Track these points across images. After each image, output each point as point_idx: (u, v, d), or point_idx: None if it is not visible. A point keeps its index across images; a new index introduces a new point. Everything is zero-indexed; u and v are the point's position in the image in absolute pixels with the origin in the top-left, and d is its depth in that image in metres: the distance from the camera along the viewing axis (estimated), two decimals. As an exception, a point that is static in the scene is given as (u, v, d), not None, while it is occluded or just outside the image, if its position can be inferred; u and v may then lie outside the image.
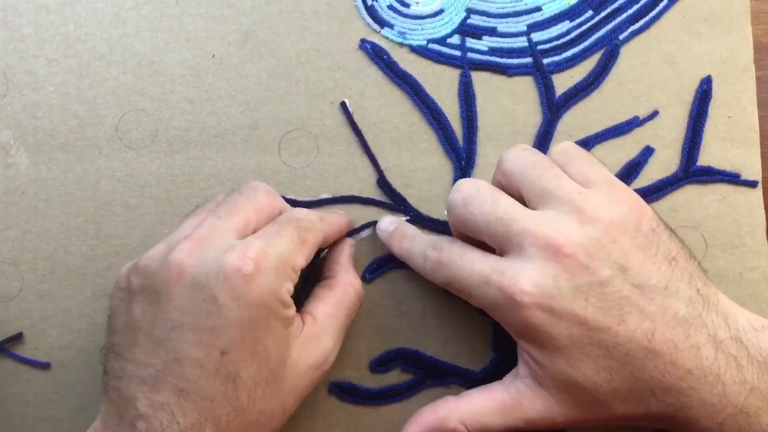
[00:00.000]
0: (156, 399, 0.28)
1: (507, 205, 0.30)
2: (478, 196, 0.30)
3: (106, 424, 0.29)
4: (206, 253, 0.29)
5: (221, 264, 0.28)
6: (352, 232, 0.36)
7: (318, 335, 0.31)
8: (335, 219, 0.35)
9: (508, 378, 0.31)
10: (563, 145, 0.32)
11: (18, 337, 0.36)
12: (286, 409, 0.30)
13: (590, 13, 0.38)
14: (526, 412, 0.30)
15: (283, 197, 0.37)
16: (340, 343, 0.33)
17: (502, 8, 0.38)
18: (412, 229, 0.35)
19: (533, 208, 0.30)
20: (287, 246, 0.30)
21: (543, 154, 0.31)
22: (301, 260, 0.31)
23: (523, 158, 0.31)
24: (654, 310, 0.28)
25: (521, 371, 0.31)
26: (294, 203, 0.37)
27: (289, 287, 0.29)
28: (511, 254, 0.29)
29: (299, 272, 0.31)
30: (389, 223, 0.36)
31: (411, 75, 0.38)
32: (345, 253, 0.35)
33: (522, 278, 0.28)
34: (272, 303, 0.28)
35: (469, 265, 0.30)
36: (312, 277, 0.35)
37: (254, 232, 0.31)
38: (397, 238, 0.35)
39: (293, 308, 0.30)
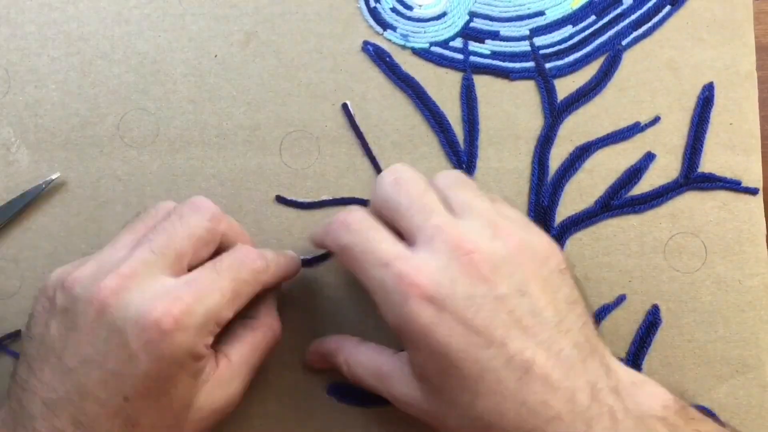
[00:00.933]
0: (54, 424, 0.27)
1: (434, 199, 0.30)
2: (411, 180, 0.30)
3: (3, 430, 0.29)
4: (131, 295, 0.28)
5: (141, 313, 0.27)
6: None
7: (229, 380, 0.30)
8: (284, 264, 0.33)
9: (397, 354, 0.31)
10: (492, 195, 0.32)
11: (16, 335, 0.36)
12: None
13: (593, 18, 0.38)
14: (394, 388, 0.30)
15: (284, 198, 0.37)
16: (248, 385, 0.32)
17: (505, 12, 0.38)
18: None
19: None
20: (217, 302, 0.29)
21: (474, 182, 0.32)
22: (229, 314, 0.30)
23: (455, 176, 0.32)
24: (539, 341, 0.27)
25: (405, 356, 0.30)
26: (294, 204, 0.37)
27: (208, 341, 0.29)
28: (419, 245, 0.29)
29: (223, 324, 0.30)
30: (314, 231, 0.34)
31: (413, 78, 0.38)
32: (270, 294, 0.34)
33: (422, 269, 0.28)
34: (185, 360, 0.28)
35: (376, 240, 0.29)
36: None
37: (189, 267, 0.30)
38: (319, 233, 0.33)
39: (206, 357, 0.29)
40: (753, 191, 0.36)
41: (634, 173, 0.37)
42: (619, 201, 0.37)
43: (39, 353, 0.29)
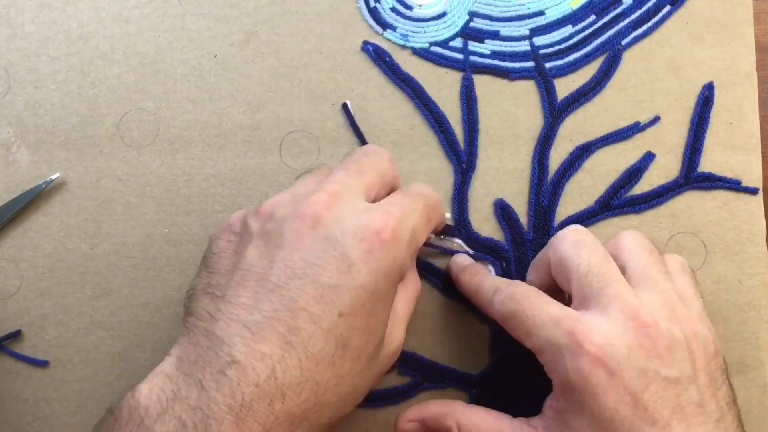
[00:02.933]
0: (257, 348, 0.25)
1: (614, 268, 0.30)
2: (592, 245, 0.31)
3: (182, 369, 0.26)
4: (343, 209, 0.28)
5: (361, 224, 0.27)
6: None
7: (397, 324, 0.30)
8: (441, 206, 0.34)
9: (521, 419, 0.31)
10: (681, 261, 0.33)
11: (16, 335, 0.36)
12: (367, 391, 0.29)
13: (593, 17, 0.38)
14: None
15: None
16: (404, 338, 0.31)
17: (505, 12, 0.38)
18: (484, 269, 0.35)
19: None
20: (418, 221, 0.29)
21: (660, 253, 0.32)
22: (425, 236, 0.31)
23: (643, 241, 0.32)
24: None
25: (537, 423, 0.30)
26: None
27: (413, 259, 0.30)
28: (592, 310, 0.29)
29: (420, 246, 0.30)
30: (465, 259, 0.36)
31: (413, 77, 0.38)
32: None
33: (597, 329, 0.28)
34: (396, 276, 0.28)
35: (542, 304, 0.29)
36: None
37: (376, 198, 0.30)
38: (470, 271, 0.34)
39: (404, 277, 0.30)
40: (753, 191, 0.36)
41: (634, 173, 0.37)
42: (619, 201, 0.37)
43: (231, 281, 0.27)
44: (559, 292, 0.32)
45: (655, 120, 0.37)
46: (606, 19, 0.38)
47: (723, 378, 0.29)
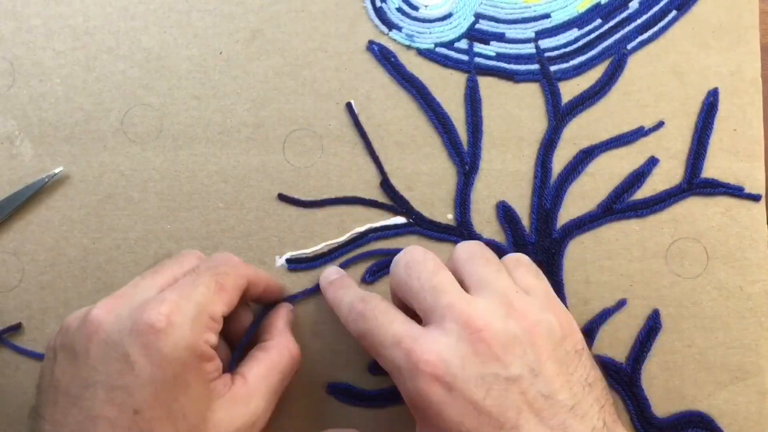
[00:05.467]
0: None
1: (444, 278, 0.30)
2: (421, 263, 0.30)
3: None
4: (122, 310, 0.28)
5: (134, 320, 0.28)
6: (289, 298, 0.36)
7: (247, 396, 0.30)
8: (258, 270, 0.34)
9: None
10: (517, 255, 0.33)
11: (17, 327, 0.36)
12: None
13: (599, 21, 0.38)
14: None
15: (286, 197, 0.37)
16: (272, 408, 0.31)
17: (511, 14, 0.38)
18: (350, 282, 0.35)
19: (470, 295, 0.30)
20: (204, 294, 0.29)
21: (495, 255, 0.32)
22: (221, 307, 0.30)
23: (475, 250, 0.32)
24: (553, 425, 0.27)
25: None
26: (297, 203, 0.37)
27: (209, 338, 0.29)
28: (431, 325, 0.29)
29: (221, 320, 0.30)
30: (332, 272, 0.36)
31: (417, 78, 0.38)
32: (281, 318, 0.34)
33: (431, 348, 0.28)
34: (189, 358, 0.28)
35: (387, 323, 0.29)
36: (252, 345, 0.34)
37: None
38: (334, 287, 0.34)
39: (215, 361, 0.29)
40: (756, 198, 0.36)
41: (637, 177, 0.37)
42: (621, 205, 0.37)
43: (47, 399, 0.29)
44: None
45: (659, 125, 0.37)
46: (612, 23, 0.38)
47: (578, 360, 0.29)
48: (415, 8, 0.38)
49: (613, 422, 0.28)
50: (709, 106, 0.37)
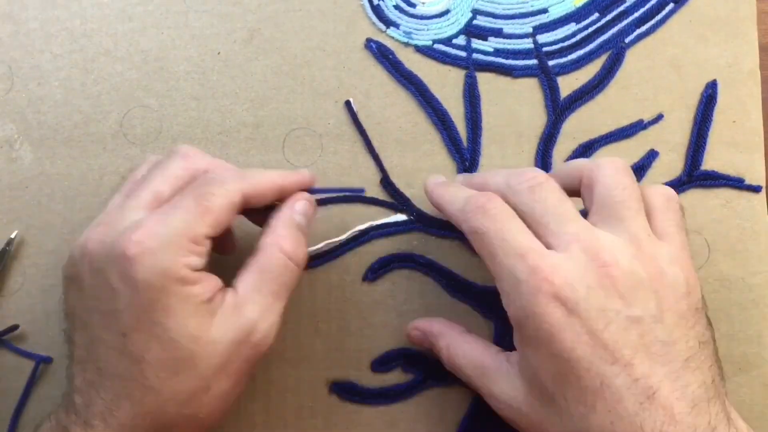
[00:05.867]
0: (86, 377, 0.29)
1: (571, 207, 0.29)
2: (548, 185, 0.30)
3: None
4: (107, 237, 0.29)
5: (112, 248, 0.28)
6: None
7: (238, 306, 0.29)
8: (266, 176, 0.31)
9: (504, 354, 0.31)
10: (669, 193, 0.31)
11: (15, 329, 0.36)
12: (212, 388, 0.29)
13: (596, 15, 0.38)
14: (496, 385, 0.30)
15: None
16: (276, 311, 0.30)
17: (509, 10, 0.38)
18: (460, 183, 0.34)
19: (596, 224, 0.29)
20: (182, 218, 0.28)
21: (637, 185, 0.30)
22: (204, 229, 0.29)
23: (618, 177, 0.30)
24: (666, 372, 0.27)
25: (513, 358, 0.30)
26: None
27: (189, 262, 0.28)
28: (557, 250, 0.28)
29: (205, 242, 0.29)
30: (440, 177, 0.35)
31: (416, 75, 0.38)
32: (280, 215, 0.31)
33: (558, 269, 0.27)
34: (166, 283, 0.27)
35: (514, 229, 0.29)
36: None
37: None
38: (443, 186, 0.33)
39: (204, 283, 0.29)
40: (756, 189, 0.36)
41: (637, 171, 0.37)
42: (622, 199, 0.37)
43: (68, 324, 0.31)
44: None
45: (659, 118, 0.37)
46: (609, 17, 0.38)
47: (696, 317, 0.28)
48: (413, 5, 0.38)
49: (720, 382, 0.28)
50: (708, 99, 0.37)
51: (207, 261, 0.29)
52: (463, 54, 0.38)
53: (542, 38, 0.38)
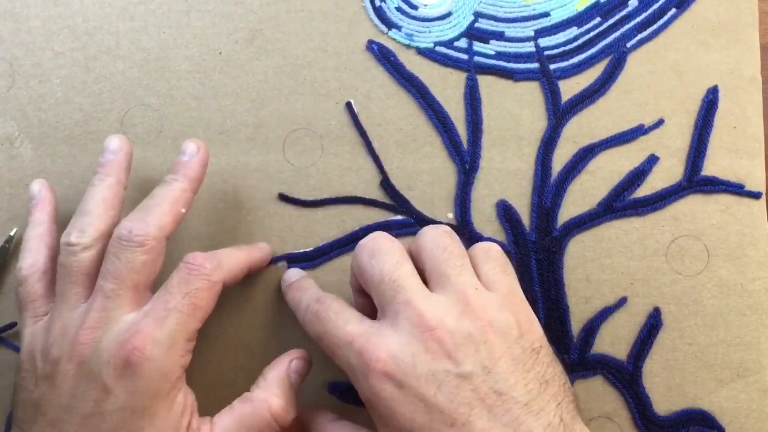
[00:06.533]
0: None
1: (406, 273, 0.30)
2: (386, 253, 0.30)
3: None
4: (101, 342, 0.29)
5: (111, 353, 0.29)
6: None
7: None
8: (239, 257, 0.33)
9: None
10: (487, 245, 0.32)
11: (12, 326, 0.36)
12: None
13: (598, 20, 0.38)
14: None
15: (287, 196, 0.37)
16: None
17: (510, 13, 0.38)
18: (309, 283, 0.35)
19: (430, 289, 0.30)
20: (177, 320, 0.30)
21: (460, 243, 0.31)
22: (196, 325, 0.30)
23: (438, 239, 0.31)
24: (506, 421, 0.27)
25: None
26: (297, 202, 0.37)
27: (184, 361, 0.30)
28: (385, 321, 0.29)
29: (196, 336, 0.31)
30: (292, 275, 0.36)
31: (417, 77, 0.38)
32: (275, 370, 0.33)
33: (382, 346, 0.28)
34: (162, 386, 0.29)
35: (342, 323, 0.30)
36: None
37: (148, 290, 0.31)
38: (293, 289, 0.35)
39: (182, 391, 0.30)
40: (756, 195, 0.36)
41: (637, 176, 0.37)
42: (621, 203, 0.37)
43: (27, 415, 0.30)
44: None
45: (659, 123, 0.37)
46: (611, 21, 0.38)
47: (534, 358, 0.28)
48: (415, 7, 0.38)
49: (571, 419, 0.28)
50: (709, 104, 0.37)
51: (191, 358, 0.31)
52: (464, 57, 0.38)
53: (544, 42, 0.38)
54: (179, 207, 0.32)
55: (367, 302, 0.31)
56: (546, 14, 0.38)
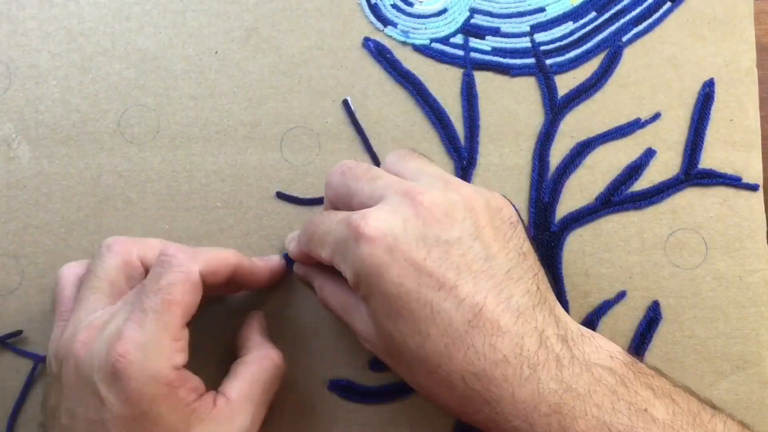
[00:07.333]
0: None
1: (378, 170, 0.31)
2: (356, 167, 0.31)
3: None
4: (94, 344, 0.29)
5: (100, 359, 0.28)
6: None
7: (231, 415, 0.30)
8: (219, 253, 0.32)
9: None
10: (395, 153, 0.33)
11: (17, 334, 0.36)
12: None
13: (594, 14, 0.38)
14: (355, 322, 0.30)
15: (285, 195, 0.37)
16: (261, 419, 0.31)
17: (506, 8, 0.38)
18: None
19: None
20: (156, 321, 0.28)
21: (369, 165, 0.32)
22: (178, 322, 0.29)
23: (402, 151, 0.33)
24: (490, 286, 0.28)
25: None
26: (295, 201, 0.37)
27: (176, 361, 0.29)
28: (372, 206, 0.29)
29: (184, 335, 0.29)
30: (291, 237, 0.36)
31: (414, 74, 0.38)
32: (254, 328, 0.34)
33: (374, 214, 0.28)
34: (155, 390, 0.28)
35: (331, 215, 0.31)
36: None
37: (123, 292, 0.31)
38: (289, 239, 0.35)
39: (190, 383, 0.29)
40: (753, 187, 0.36)
41: (635, 169, 0.37)
42: (619, 197, 0.37)
43: (47, 422, 0.31)
44: None
45: (656, 116, 0.37)
46: (607, 15, 0.38)
47: (513, 230, 0.30)
48: (410, 4, 0.38)
49: (546, 289, 0.29)
50: (705, 97, 0.37)
51: (187, 356, 0.29)
52: (460, 53, 0.38)
53: (540, 37, 0.38)
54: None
55: None
56: (541, 9, 0.38)
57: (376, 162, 0.37)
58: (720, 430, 0.27)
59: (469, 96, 0.37)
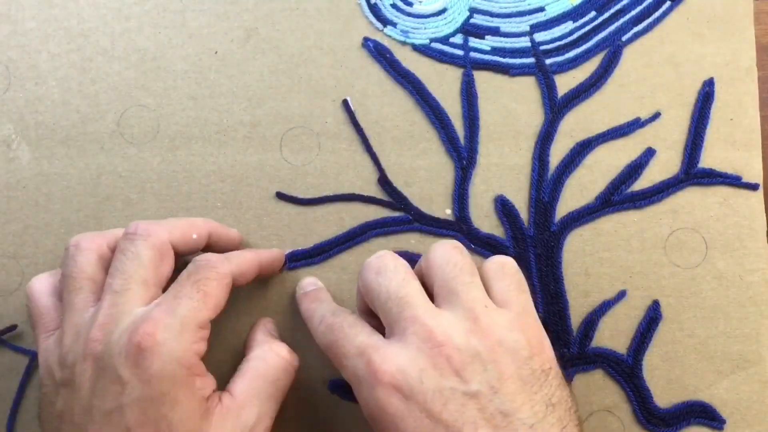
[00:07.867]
0: None
1: (412, 290, 0.30)
2: (391, 271, 0.30)
3: None
4: (111, 335, 0.29)
5: (122, 343, 0.28)
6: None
7: (236, 410, 0.30)
8: (247, 256, 0.34)
9: None
10: (502, 260, 0.32)
11: (13, 329, 0.36)
12: None
13: (593, 14, 0.38)
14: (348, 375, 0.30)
15: (285, 195, 0.37)
16: (271, 414, 0.31)
17: (506, 8, 0.38)
18: (325, 295, 0.35)
19: (437, 305, 0.30)
20: (188, 306, 0.29)
21: (470, 258, 0.31)
22: (208, 313, 0.30)
23: (448, 255, 0.31)
24: None
25: None
26: (295, 201, 0.37)
27: (198, 349, 0.29)
28: (394, 337, 0.29)
29: (208, 326, 0.30)
30: (308, 284, 0.36)
31: (413, 74, 0.38)
32: (260, 330, 0.35)
33: (391, 359, 0.28)
34: (178, 373, 0.28)
35: (353, 335, 0.30)
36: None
37: (159, 287, 0.31)
38: (308, 299, 0.35)
39: (206, 378, 0.30)
40: (753, 187, 0.36)
41: (635, 169, 0.37)
42: (619, 197, 0.37)
43: (51, 427, 0.30)
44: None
45: (656, 116, 0.37)
46: (606, 15, 0.38)
47: (543, 379, 0.28)
48: (410, 4, 0.38)
49: None
50: (705, 96, 0.37)
51: (206, 349, 0.30)
52: (460, 52, 0.38)
53: (539, 36, 0.38)
54: (193, 230, 0.33)
55: (375, 323, 0.31)
56: (541, 9, 0.38)
57: (376, 162, 0.37)
58: None
59: (468, 96, 0.37)
